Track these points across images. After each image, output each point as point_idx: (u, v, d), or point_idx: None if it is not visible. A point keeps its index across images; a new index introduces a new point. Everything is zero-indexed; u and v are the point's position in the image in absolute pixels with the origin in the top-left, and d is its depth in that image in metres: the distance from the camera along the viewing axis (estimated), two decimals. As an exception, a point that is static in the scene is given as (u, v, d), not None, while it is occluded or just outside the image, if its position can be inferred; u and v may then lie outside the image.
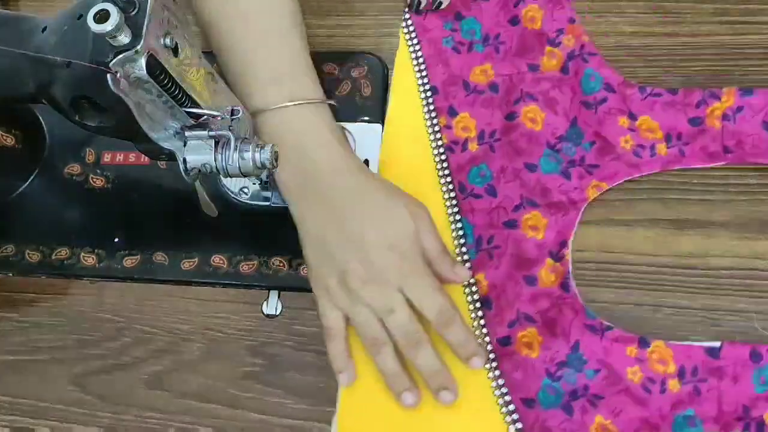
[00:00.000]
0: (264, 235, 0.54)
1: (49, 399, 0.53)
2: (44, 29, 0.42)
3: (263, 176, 0.55)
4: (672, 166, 0.51)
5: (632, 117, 0.52)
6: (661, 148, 0.51)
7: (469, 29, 0.57)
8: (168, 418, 0.51)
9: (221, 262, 0.54)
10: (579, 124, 0.53)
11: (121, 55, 0.38)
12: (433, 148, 0.55)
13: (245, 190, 0.55)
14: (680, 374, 0.46)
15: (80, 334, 0.55)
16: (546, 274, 0.50)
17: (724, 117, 0.50)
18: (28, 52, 0.41)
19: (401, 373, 0.48)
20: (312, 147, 0.50)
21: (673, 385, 0.46)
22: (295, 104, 0.50)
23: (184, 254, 0.54)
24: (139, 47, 0.38)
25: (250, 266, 0.53)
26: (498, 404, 0.47)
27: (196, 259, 0.54)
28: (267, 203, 0.55)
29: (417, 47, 0.58)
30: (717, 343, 0.46)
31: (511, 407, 0.47)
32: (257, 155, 0.45)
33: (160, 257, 0.55)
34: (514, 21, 0.56)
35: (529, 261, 0.50)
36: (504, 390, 0.48)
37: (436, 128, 0.56)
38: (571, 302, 0.49)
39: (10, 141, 0.57)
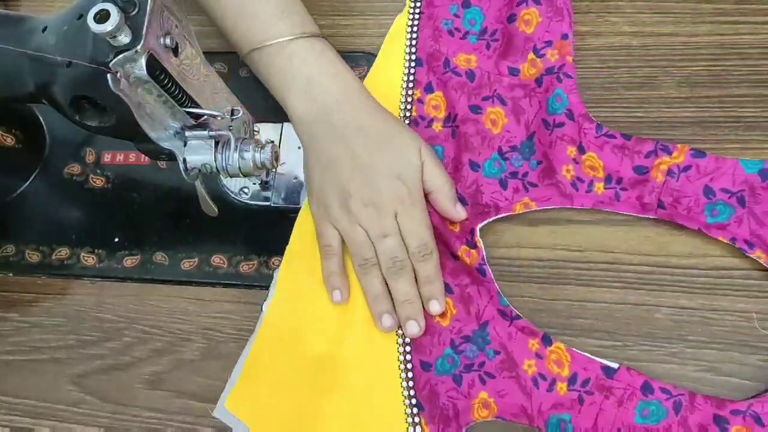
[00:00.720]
0: (264, 235, 0.54)
1: (49, 399, 0.53)
2: (44, 29, 0.42)
3: (263, 176, 0.55)
4: (603, 207, 0.51)
5: (581, 150, 0.52)
6: (599, 187, 0.51)
7: (470, 19, 0.57)
8: (168, 418, 0.51)
9: (221, 262, 0.54)
10: (535, 139, 0.53)
11: (121, 55, 0.38)
12: (401, 116, 0.56)
13: (245, 190, 0.56)
14: (571, 380, 0.47)
15: (80, 334, 0.55)
16: (463, 256, 0.51)
17: (669, 172, 0.50)
18: (28, 52, 0.41)
19: (384, 296, 0.50)
20: (327, 77, 0.51)
21: (561, 387, 0.47)
22: (305, 36, 0.51)
23: (184, 254, 0.55)
24: (139, 47, 0.38)
25: (250, 266, 0.53)
26: (399, 360, 0.49)
27: (196, 259, 0.54)
28: (267, 203, 0.55)
29: (417, 18, 0.59)
30: (616, 365, 0.47)
31: (409, 365, 0.49)
32: (257, 155, 0.46)
33: (160, 257, 0.55)
34: (511, 18, 0.56)
35: (450, 243, 0.51)
36: (408, 349, 0.50)
37: (409, 99, 0.56)
38: (488, 286, 0.50)
39: (10, 141, 0.57)
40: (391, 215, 0.49)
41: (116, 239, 0.56)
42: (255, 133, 0.53)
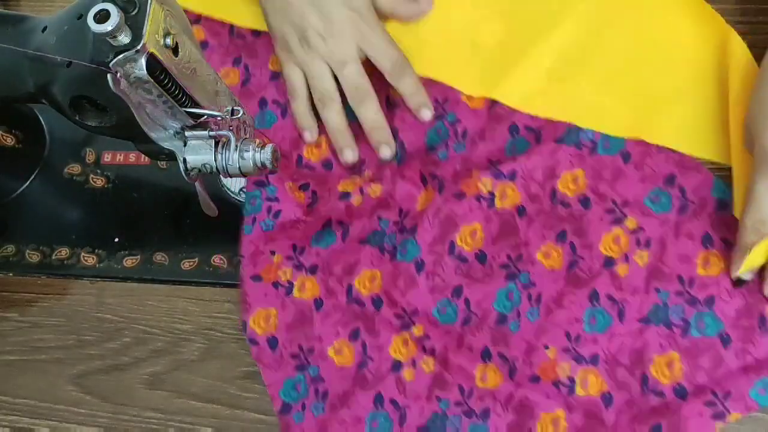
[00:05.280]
0: (264, 235, 0.54)
1: (49, 399, 0.53)
2: (44, 29, 0.42)
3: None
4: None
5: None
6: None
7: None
8: (168, 418, 0.51)
9: (221, 262, 0.54)
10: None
11: (121, 55, 0.38)
12: None
13: (245, 190, 0.55)
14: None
15: (80, 334, 0.55)
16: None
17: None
18: (28, 52, 0.41)
19: (345, 130, 0.53)
20: None
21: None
22: None
23: (184, 254, 0.54)
24: (139, 47, 0.38)
25: (250, 266, 0.53)
26: None
27: (196, 259, 0.54)
28: (267, 203, 0.55)
29: None
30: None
31: None
32: (257, 155, 0.45)
33: (160, 257, 0.55)
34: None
35: None
36: None
37: None
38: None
39: (10, 141, 0.57)
40: (349, 42, 0.51)
41: (116, 239, 0.56)
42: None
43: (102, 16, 0.36)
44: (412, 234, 0.51)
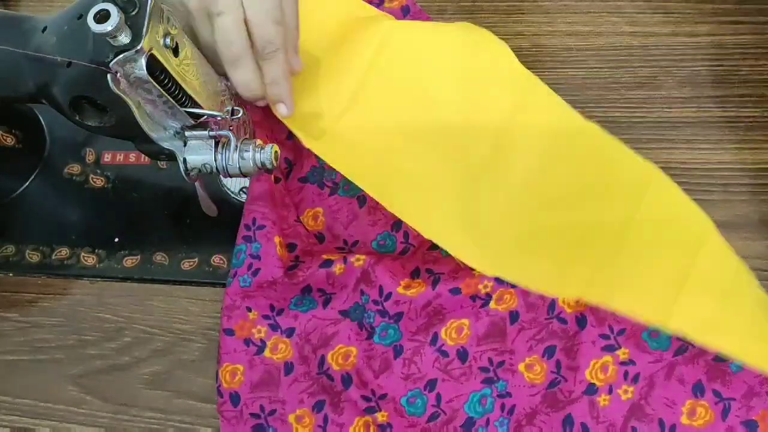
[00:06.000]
0: (264, 235, 0.54)
1: (49, 399, 0.53)
2: (44, 29, 0.42)
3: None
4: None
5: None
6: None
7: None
8: (168, 418, 0.51)
9: (221, 262, 0.54)
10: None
11: (121, 55, 0.38)
12: None
13: (245, 190, 0.55)
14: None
15: (80, 334, 0.55)
16: None
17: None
18: (28, 52, 0.41)
19: (286, 80, 0.48)
20: None
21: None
22: None
23: (184, 254, 0.54)
24: (139, 47, 0.38)
25: (250, 266, 0.53)
26: None
27: (196, 259, 0.54)
28: (267, 203, 0.55)
29: None
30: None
31: None
32: (257, 155, 0.46)
33: (160, 257, 0.55)
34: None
35: None
36: None
37: None
38: None
39: (10, 141, 0.57)
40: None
41: (116, 239, 0.56)
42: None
43: (102, 16, 0.36)
44: (397, 321, 0.49)
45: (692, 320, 0.44)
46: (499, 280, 0.48)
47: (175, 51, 0.41)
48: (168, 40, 0.40)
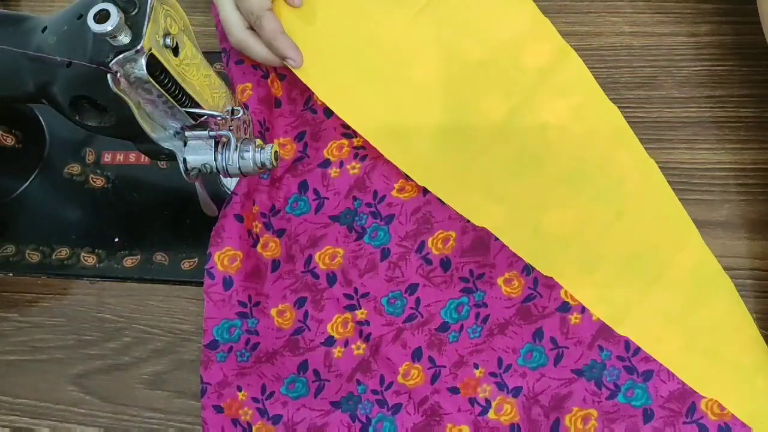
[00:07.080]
0: (264, 235, 0.54)
1: (49, 399, 0.53)
2: (44, 29, 0.42)
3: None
4: None
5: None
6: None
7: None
8: (168, 418, 0.51)
9: (221, 262, 0.54)
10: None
11: (121, 55, 0.38)
12: None
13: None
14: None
15: (80, 334, 0.55)
16: None
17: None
18: (28, 52, 0.41)
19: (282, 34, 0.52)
20: None
21: None
22: None
23: (184, 254, 0.54)
24: (139, 47, 0.38)
25: (250, 266, 0.53)
26: None
27: (196, 259, 0.54)
28: (267, 203, 0.55)
29: None
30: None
31: None
32: (257, 155, 0.45)
33: (160, 257, 0.55)
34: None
35: None
36: None
37: None
38: None
39: (10, 141, 0.57)
40: None
41: (116, 239, 0.56)
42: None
43: (102, 16, 0.36)
44: (388, 223, 0.51)
45: (646, 327, 0.47)
46: (499, 385, 0.48)
47: (175, 51, 0.41)
48: (168, 40, 0.40)
